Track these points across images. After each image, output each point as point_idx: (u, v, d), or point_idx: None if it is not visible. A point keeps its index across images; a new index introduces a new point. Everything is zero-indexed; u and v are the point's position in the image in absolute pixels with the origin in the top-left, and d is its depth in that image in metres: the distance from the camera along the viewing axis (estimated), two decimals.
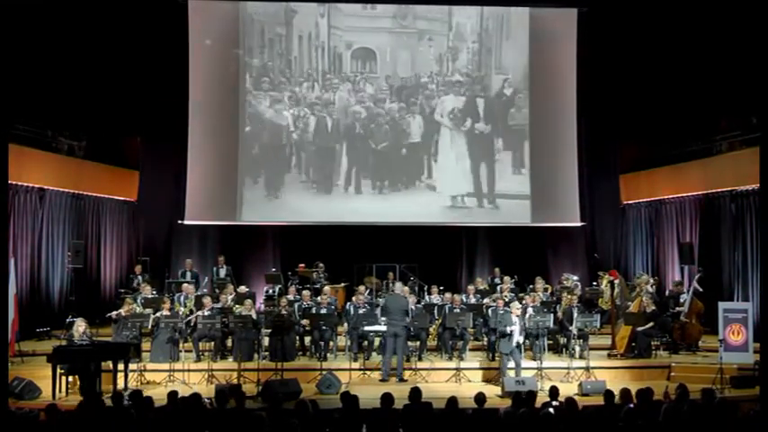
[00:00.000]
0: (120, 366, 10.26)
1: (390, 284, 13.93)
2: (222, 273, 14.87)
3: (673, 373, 11.23)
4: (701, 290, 12.63)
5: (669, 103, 15.42)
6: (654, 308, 12.32)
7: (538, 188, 15.85)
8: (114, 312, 11.78)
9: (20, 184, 12.98)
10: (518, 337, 10.91)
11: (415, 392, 7.54)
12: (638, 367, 11.63)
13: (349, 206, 15.63)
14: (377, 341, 11.96)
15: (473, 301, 13.11)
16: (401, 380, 10.94)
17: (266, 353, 11.62)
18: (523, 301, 12.29)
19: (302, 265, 15.00)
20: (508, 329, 10.78)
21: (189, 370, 11.07)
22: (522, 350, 11.30)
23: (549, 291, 14.21)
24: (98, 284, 15.21)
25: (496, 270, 15.34)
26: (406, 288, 12.48)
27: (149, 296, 12.77)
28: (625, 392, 7.43)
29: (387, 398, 7.17)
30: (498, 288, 13.96)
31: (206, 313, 11.72)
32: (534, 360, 11.37)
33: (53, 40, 13.67)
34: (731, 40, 13.46)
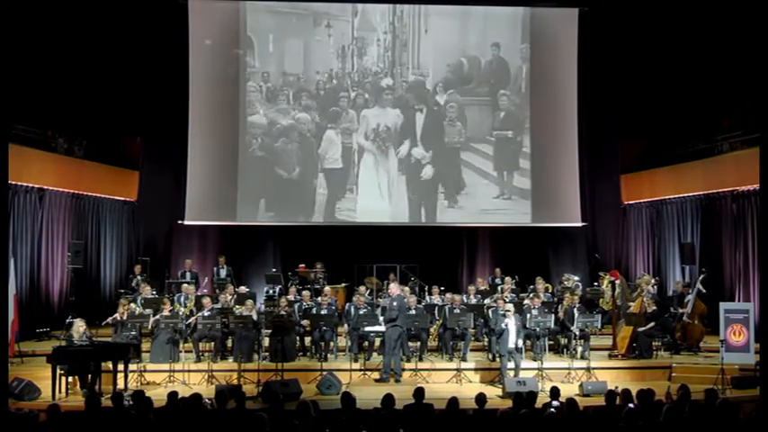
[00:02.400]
0: (120, 367, 10.24)
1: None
2: (223, 273, 14.85)
3: (674, 374, 11.21)
4: (704, 291, 12.62)
5: (670, 102, 15.43)
6: (655, 308, 12.29)
7: (539, 188, 15.80)
8: (110, 318, 11.69)
9: (20, 184, 12.96)
10: (514, 338, 10.83)
11: (419, 392, 7.54)
12: (639, 368, 11.61)
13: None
14: (377, 342, 11.94)
15: (474, 301, 13.08)
16: (397, 380, 10.92)
17: (266, 353, 11.60)
18: (524, 304, 12.27)
19: (302, 265, 14.99)
20: (502, 325, 10.79)
21: (189, 370, 11.07)
22: (523, 351, 11.28)
23: (550, 291, 14.19)
24: (98, 285, 15.19)
25: (497, 270, 15.31)
26: (407, 288, 12.45)
27: (149, 296, 12.75)
28: (626, 393, 7.42)
29: (388, 399, 7.16)
30: (499, 288, 13.93)
31: (206, 314, 11.70)
32: (535, 360, 11.37)
33: (53, 40, 13.71)
34: (732, 40, 13.47)
